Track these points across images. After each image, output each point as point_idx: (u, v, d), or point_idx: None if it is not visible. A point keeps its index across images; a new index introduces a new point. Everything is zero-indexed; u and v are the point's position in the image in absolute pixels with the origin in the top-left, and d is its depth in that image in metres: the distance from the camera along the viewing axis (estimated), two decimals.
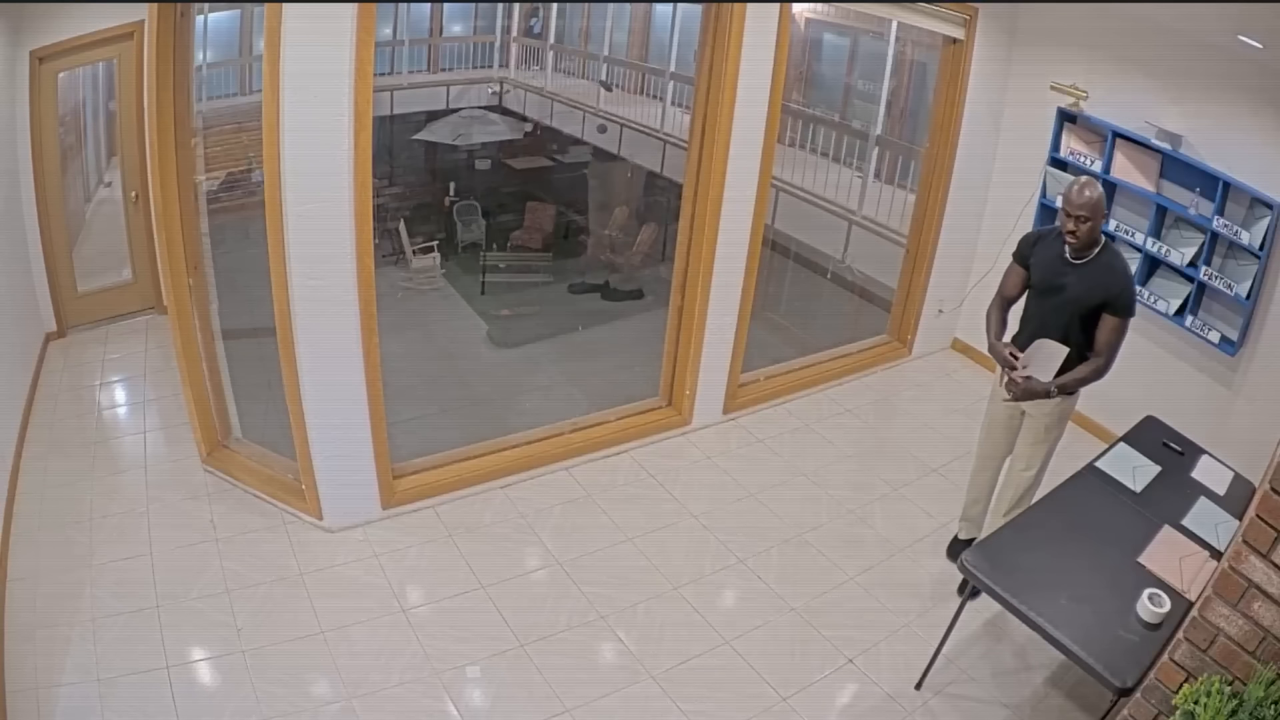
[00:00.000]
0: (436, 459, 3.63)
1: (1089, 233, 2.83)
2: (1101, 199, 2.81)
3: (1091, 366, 2.93)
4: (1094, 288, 2.89)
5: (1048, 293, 3.00)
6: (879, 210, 6.29)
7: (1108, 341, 2.91)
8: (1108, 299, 2.86)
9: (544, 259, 7.48)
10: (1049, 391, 2.92)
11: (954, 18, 4.33)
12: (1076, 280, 2.92)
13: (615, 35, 10.51)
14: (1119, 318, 2.88)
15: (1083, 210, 2.80)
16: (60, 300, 4.61)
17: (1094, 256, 2.91)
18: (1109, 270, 2.89)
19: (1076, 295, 2.90)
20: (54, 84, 4.28)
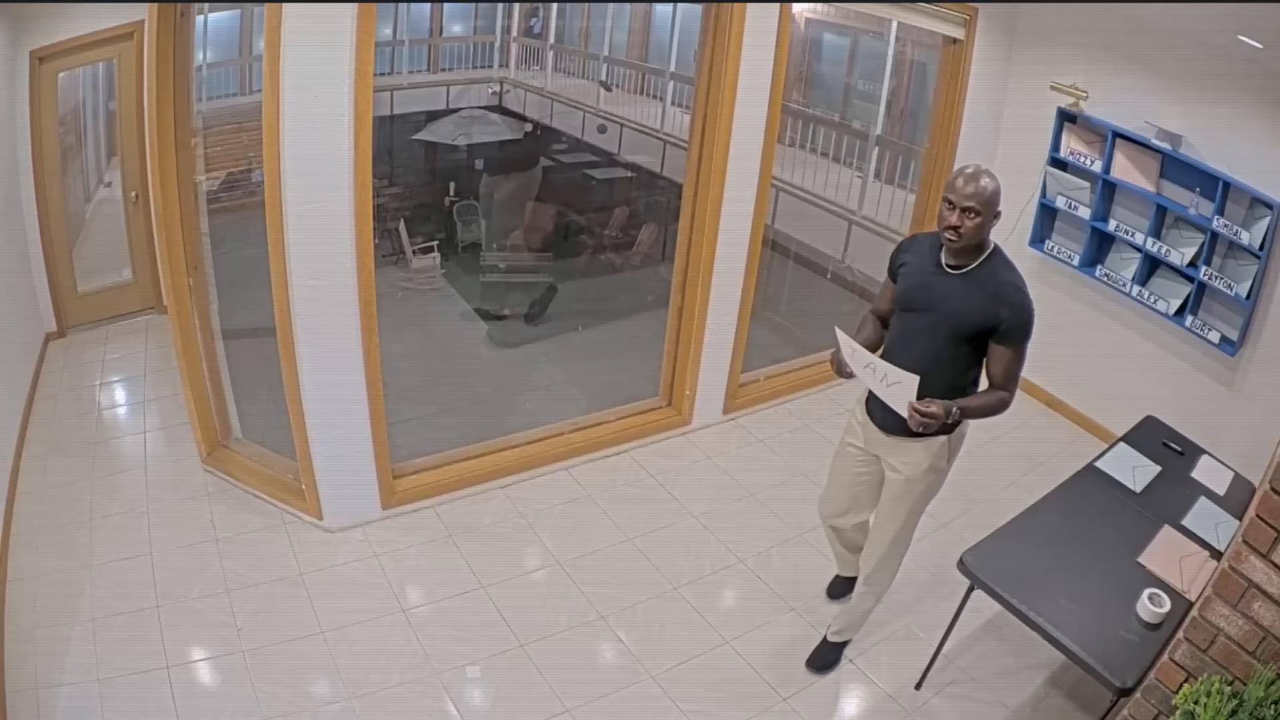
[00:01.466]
0: (436, 459, 3.63)
1: (975, 232, 2.27)
2: (997, 193, 2.30)
3: (995, 397, 2.34)
4: (975, 306, 2.30)
5: (914, 311, 2.39)
6: (879, 210, 6.29)
7: (1006, 374, 2.33)
8: (994, 322, 2.27)
9: (544, 259, 7.47)
10: (949, 414, 2.26)
11: (954, 18, 4.33)
12: (952, 295, 2.33)
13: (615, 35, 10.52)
14: (1011, 349, 2.30)
15: (971, 201, 2.25)
16: (60, 300, 4.61)
17: (977, 266, 2.33)
18: (995, 285, 2.30)
19: (951, 314, 2.32)
20: (54, 84, 4.27)
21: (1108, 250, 4.35)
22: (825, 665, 2.93)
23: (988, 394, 2.37)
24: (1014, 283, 2.32)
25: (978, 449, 4.29)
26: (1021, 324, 2.29)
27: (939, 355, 2.34)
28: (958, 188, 2.26)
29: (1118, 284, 4.22)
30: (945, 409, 2.24)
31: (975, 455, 4.23)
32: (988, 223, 2.30)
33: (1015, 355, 2.32)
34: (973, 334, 2.32)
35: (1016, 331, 2.29)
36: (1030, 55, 4.53)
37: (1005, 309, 2.27)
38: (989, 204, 2.27)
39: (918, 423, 2.23)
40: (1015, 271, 2.37)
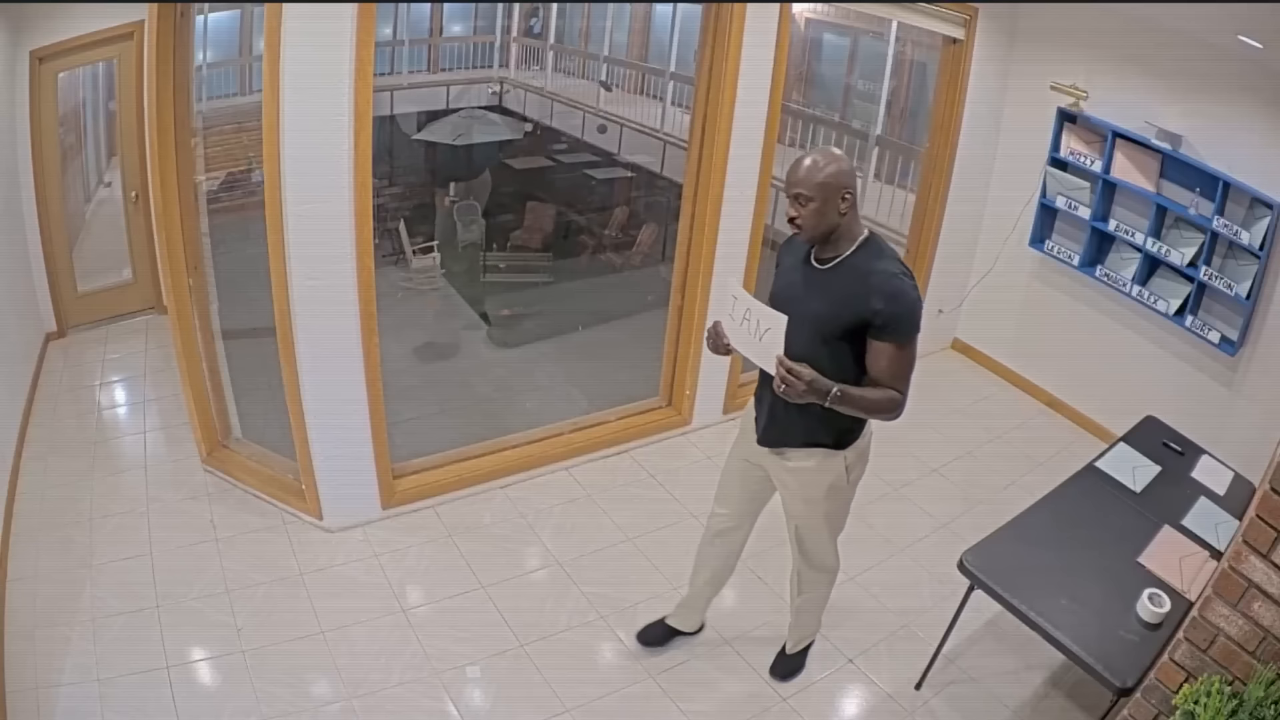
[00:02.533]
0: (436, 459, 3.63)
1: (815, 219, 2.08)
2: (835, 174, 2.05)
3: (883, 394, 2.12)
4: (844, 301, 2.11)
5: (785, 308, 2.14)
6: (879, 210, 6.30)
7: (890, 374, 2.11)
8: (868, 317, 2.07)
9: (544, 259, 7.48)
10: (829, 393, 2.05)
11: (954, 18, 4.33)
12: (818, 290, 2.16)
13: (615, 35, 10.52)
14: (892, 343, 2.09)
15: (800, 187, 2.06)
16: (60, 300, 4.61)
17: (844, 258, 2.15)
18: (866, 276, 2.09)
19: (818, 312, 2.13)
20: (54, 84, 4.27)
21: (1108, 250, 4.35)
22: (788, 673, 2.88)
23: (876, 389, 2.14)
24: (887, 271, 2.09)
25: (978, 449, 4.33)
26: (898, 316, 2.07)
27: (812, 358, 2.08)
28: (788, 175, 2.10)
29: (1118, 284, 4.22)
30: (823, 384, 2.03)
31: (975, 455, 4.26)
32: (829, 208, 2.08)
33: (897, 351, 2.09)
34: (845, 331, 2.12)
35: (893, 324, 2.07)
36: (1030, 55, 4.54)
37: (876, 300, 2.06)
38: (821, 187, 2.05)
39: (781, 378, 2.02)
40: (891, 259, 2.14)
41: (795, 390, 2.03)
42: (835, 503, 2.42)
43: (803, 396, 2.05)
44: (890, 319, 2.07)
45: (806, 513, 2.46)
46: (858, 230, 2.16)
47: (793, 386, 2.02)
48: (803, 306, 2.14)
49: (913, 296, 2.09)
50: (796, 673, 2.89)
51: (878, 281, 2.08)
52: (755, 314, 2.10)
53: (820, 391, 2.05)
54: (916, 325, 2.10)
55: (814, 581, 2.71)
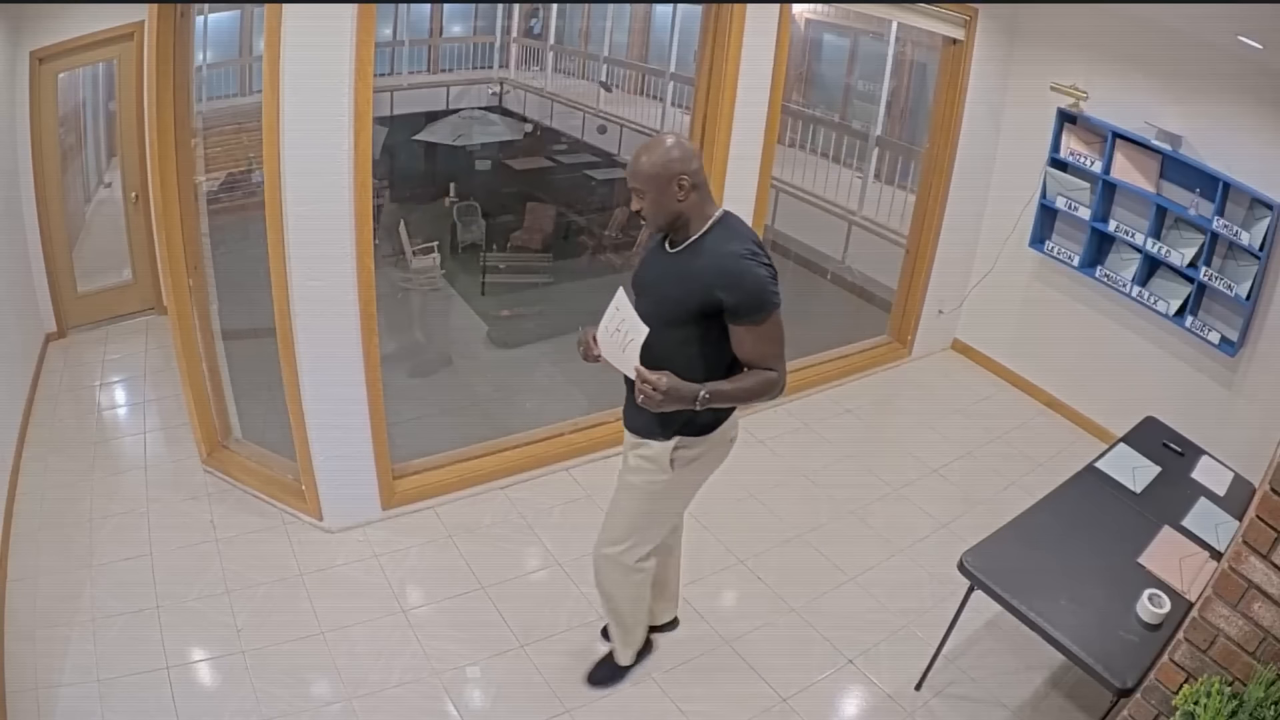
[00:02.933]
0: (436, 459, 3.63)
1: (654, 210, 2.06)
2: (665, 164, 2.01)
3: (757, 377, 2.07)
4: (690, 284, 2.05)
5: (640, 296, 2.16)
6: (879, 211, 6.30)
7: (757, 355, 2.07)
8: (715, 298, 2.01)
9: (544, 259, 7.48)
10: (696, 398, 2.01)
11: (954, 18, 4.33)
12: (668, 275, 2.12)
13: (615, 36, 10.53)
14: (749, 325, 2.03)
15: (633, 181, 2.05)
16: (60, 300, 4.61)
17: (692, 241, 2.10)
18: (711, 258, 2.04)
19: (667, 295, 2.10)
20: (54, 84, 4.27)
21: (1108, 251, 4.35)
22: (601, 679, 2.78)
23: (747, 374, 2.09)
24: (734, 252, 2.02)
25: (978, 449, 4.33)
26: (748, 296, 2.00)
27: (665, 343, 2.04)
28: (628, 166, 2.07)
29: (1118, 284, 4.22)
30: (688, 389, 1.99)
31: (975, 455, 4.26)
32: (665, 197, 2.04)
33: (760, 333, 2.03)
34: (695, 315, 2.05)
35: (744, 306, 2.01)
36: (1030, 55, 4.54)
37: (722, 283, 2.00)
38: (652, 179, 2.02)
39: (638, 388, 1.98)
40: (742, 239, 2.07)
41: (653, 401, 1.99)
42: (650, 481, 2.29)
43: (664, 405, 2.00)
44: (739, 301, 2.01)
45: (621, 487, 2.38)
46: (709, 211, 2.12)
47: (650, 397, 1.98)
48: (654, 291, 2.14)
49: (759, 275, 2.02)
50: (601, 681, 2.76)
51: (723, 264, 2.02)
52: (626, 324, 2.06)
53: (685, 397, 2.01)
54: (768, 303, 2.03)
55: (607, 565, 2.48)
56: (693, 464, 2.29)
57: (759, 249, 2.08)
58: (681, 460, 2.26)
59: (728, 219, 2.14)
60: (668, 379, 1.99)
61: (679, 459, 2.25)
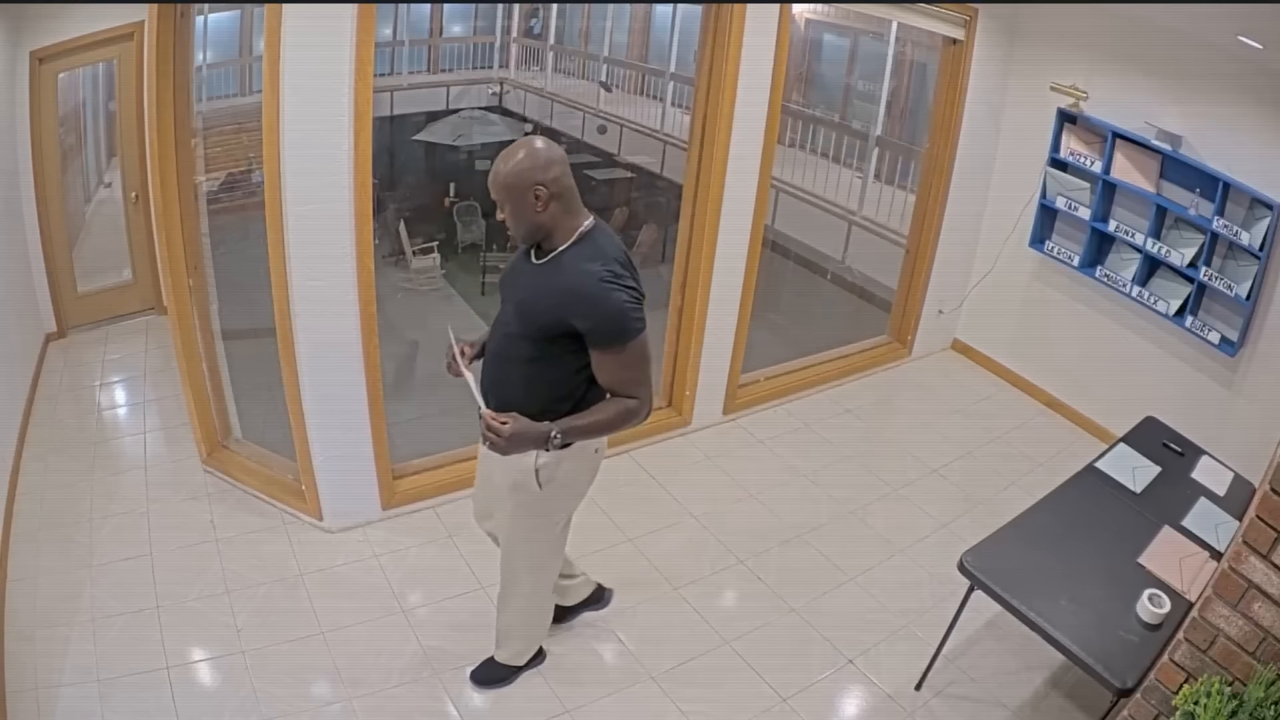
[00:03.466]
0: (436, 459, 3.62)
1: (514, 222, 1.96)
2: (519, 174, 1.89)
3: (615, 408, 1.97)
4: (547, 301, 1.94)
5: (504, 300, 2.09)
6: (879, 211, 6.31)
7: (617, 383, 1.96)
8: (569, 320, 1.90)
9: None
10: (548, 438, 1.94)
11: (954, 18, 4.33)
12: (525, 286, 2.02)
13: (615, 36, 10.54)
14: (606, 352, 1.92)
15: (493, 191, 1.95)
16: (60, 300, 4.61)
17: (555, 255, 1.98)
18: (570, 277, 1.92)
19: (525, 307, 2.00)
20: (54, 84, 4.27)
21: (1108, 251, 4.35)
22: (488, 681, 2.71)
23: (606, 404, 2.00)
24: (591, 273, 1.89)
25: (978, 449, 4.33)
26: (606, 322, 1.88)
27: (516, 354, 2.00)
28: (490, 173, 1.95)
29: (1118, 284, 4.22)
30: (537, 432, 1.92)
31: (975, 456, 4.26)
32: (522, 209, 1.92)
33: (620, 360, 1.92)
34: (548, 334, 1.95)
35: (598, 333, 1.90)
36: (1030, 55, 4.54)
37: (576, 306, 1.89)
38: (507, 189, 1.91)
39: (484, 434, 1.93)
40: (605, 258, 1.93)
41: (499, 447, 1.92)
42: (524, 505, 2.21)
43: (511, 450, 1.93)
44: (596, 327, 1.90)
45: (499, 511, 2.34)
46: (574, 223, 1.98)
47: (495, 444, 1.92)
48: (515, 301, 2.04)
49: (615, 300, 1.88)
50: (494, 683, 2.70)
51: (581, 286, 1.89)
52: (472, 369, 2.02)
53: (535, 438, 1.93)
54: (628, 330, 1.90)
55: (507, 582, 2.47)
56: (559, 479, 2.17)
57: (624, 269, 1.96)
58: (547, 475, 2.14)
59: (595, 233, 2.00)
60: (513, 424, 1.92)
61: (544, 472, 2.13)
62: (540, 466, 2.12)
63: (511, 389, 2.00)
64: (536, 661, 2.80)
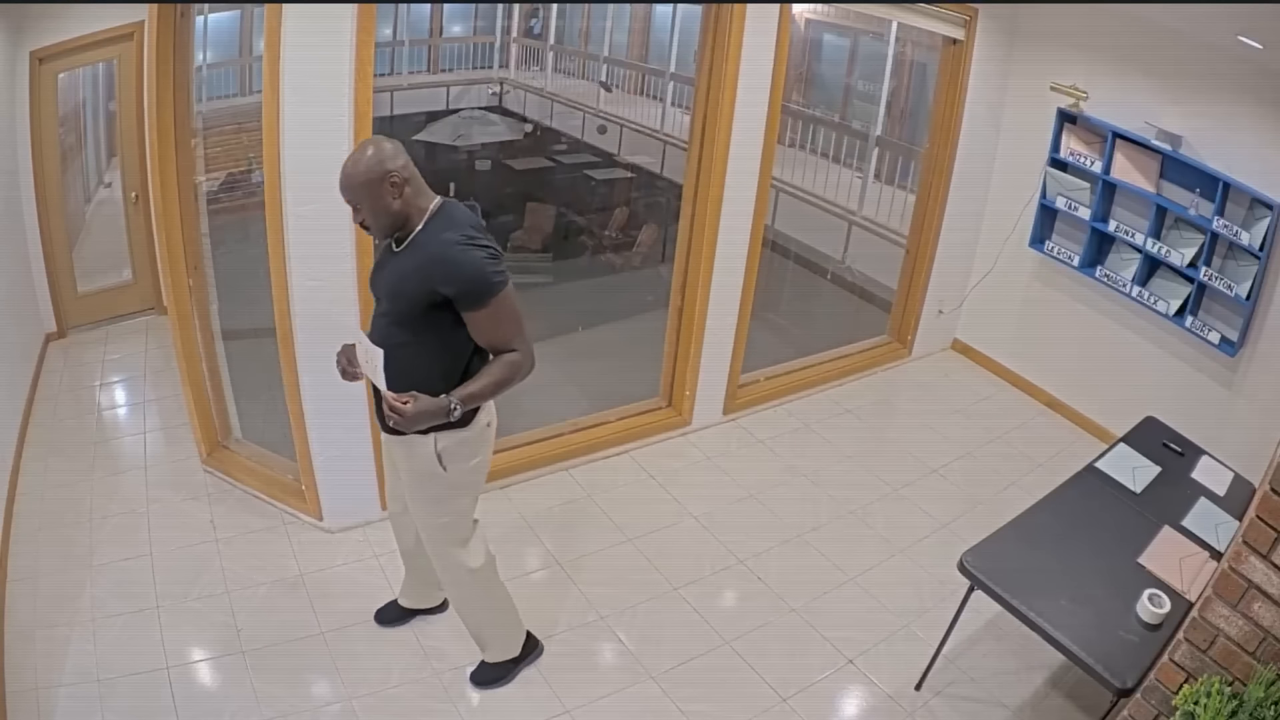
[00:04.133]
0: None
1: (376, 219, 2.07)
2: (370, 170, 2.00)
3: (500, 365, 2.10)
4: (413, 279, 2.05)
5: (378, 299, 2.19)
6: (879, 211, 6.30)
7: (497, 339, 2.08)
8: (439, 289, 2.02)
9: (544, 259, 7.47)
10: (449, 410, 2.04)
11: (954, 18, 4.33)
12: (394, 273, 2.12)
13: (615, 36, 10.53)
14: (477, 310, 2.03)
15: (349, 195, 2.05)
16: (60, 300, 4.61)
17: (414, 237, 2.09)
18: (429, 249, 2.05)
19: (397, 294, 2.10)
20: (54, 84, 4.27)
21: (1108, 251, 4.35)
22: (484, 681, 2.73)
23: (491, 365, 2.11)
24: (448, 240, 2.02)
25: (977, 449, 4.33)
26: (469, 282, 2.00)
27: (399, 339, 2.07)
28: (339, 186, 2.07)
29: (1118, 284, 4.22)
30: (436, 405, 2.02)
31: (975, 456, 4.26)
32: (381, 203, 2.03)
33: (491, 316, 2.03)
34: (425, 311, 2.05)
35: (468, 294, 2.01)
36: (1030, 55, 4.54)
37: (439, 273, 2.01)
38: (364, 187, 2.01)
39: (388, 415, 2.03)
40: (459, 226, 2.06)
41: (404, 424, 2.02)
42: (433, 490, 2.30)
43: (413, 425, 2.03)
44: (461, 290, 2.01)
45: (413, 501, 2.39)
46: (424, 204, 2.10)
47: (399, 423, 2.02)
48: (387, 293, 2.14)
49: (476, 259, 2.01)
50: (493, 683, 2.72)
51: (439, 255, 2.02)
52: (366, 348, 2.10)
53: (436, 412, 2.03)
54: (492, 285, 2.02)
55: (450, 581, 2.55)
56: (462, 457, 2.26)
57: (477, 232, 2.08)
58: (450, 456, 2.23)
59: (445, 208, 2.13)
60: (413, 403, 2.01)
61: (446, 455, 2.22)
62: (442, 451, 2.21)
63: (404, 372, 2.06)
64: (534, 653, 2.82)
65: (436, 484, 2.28)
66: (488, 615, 2.66)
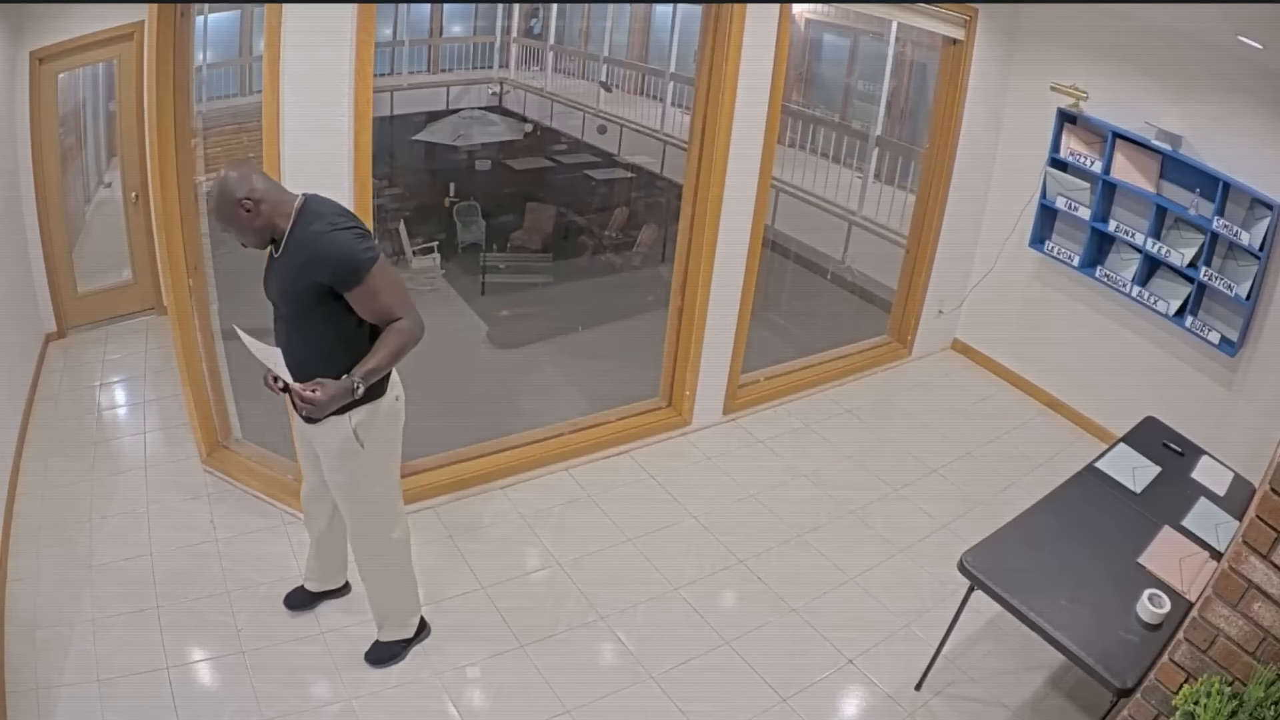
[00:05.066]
0: (436, 459, 3.63)
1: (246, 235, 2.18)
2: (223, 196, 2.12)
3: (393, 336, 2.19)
4: (294, 276, 2.18)
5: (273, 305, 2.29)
6: (879, 211, 6.30)
7: (383, 311, 2.19)
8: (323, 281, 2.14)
9: (544, 259, 7.48)
10: (352, 389, 2.16)
11: (954, 18, 4.33)
12: (277, 278, 2.24)
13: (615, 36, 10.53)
14: (358, 289, 2.14)
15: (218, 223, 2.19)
16: (60, 300, 4.61)
17: (286, 239, 2.20)
18: (302, 244, 2.17)
19: (285, 296, 2.22)
20: (54, 84, 4.27)
21: (1108, 251, 4.35)
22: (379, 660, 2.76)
23: (382, 338, 2.20)
24: (317, 231, 2.15)
25: (977, 449, 4.33)
26: (341, 264, 2.12)
27: (299, 336, 2.21)
28: None
29: (1118, 284, 4.22)
30: (340, 388, 2.13)
31: (975, 456, 4.26)
32: (243, 222, 2.14)
33: (371, 290, 2.14)
34: (314, 304, 2.17)
35: (342, 275, 2.12)
36: (1030, 55, 4.54)
37: (317, 263, 2.13)
38: (223, 217, 2.15)
39: (299, 406, 2.14)
40: (323, 217, 2.19)
41: (317, 411, 2.15)
42: (357, 466, 2.40)
43: (325, 410, 2.16)
44: (337, 274, 2.13)
45: (338, 484, 2.48)
46: (287, 209, 2.19)
47: (311, 412, 2.14)
48: (277, 297, 2.26)
49: (343, 240, 2.14)
50: (387, 661, 2.76)
51: (311, 248, 2.15)
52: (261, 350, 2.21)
53: (341, 393, 2.15)
54: (363, 261, 2.13)
55: (371, 554, 2.63)
56: (376, 431, 2.37)
57: (341, 216, 2.21)
58: (365, 433, 2.34)
59: (308, 203, 2.22)
60: (320, 390, 2.13)
61: (361, 430, 2.33)
62: (357, 426, 2.32)
63: (308, 366, 2.19)
64: (423, 634, 2.86)
65: (358, 460, 2.38)
66: (398, 588, 2.74)
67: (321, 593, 2.96)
